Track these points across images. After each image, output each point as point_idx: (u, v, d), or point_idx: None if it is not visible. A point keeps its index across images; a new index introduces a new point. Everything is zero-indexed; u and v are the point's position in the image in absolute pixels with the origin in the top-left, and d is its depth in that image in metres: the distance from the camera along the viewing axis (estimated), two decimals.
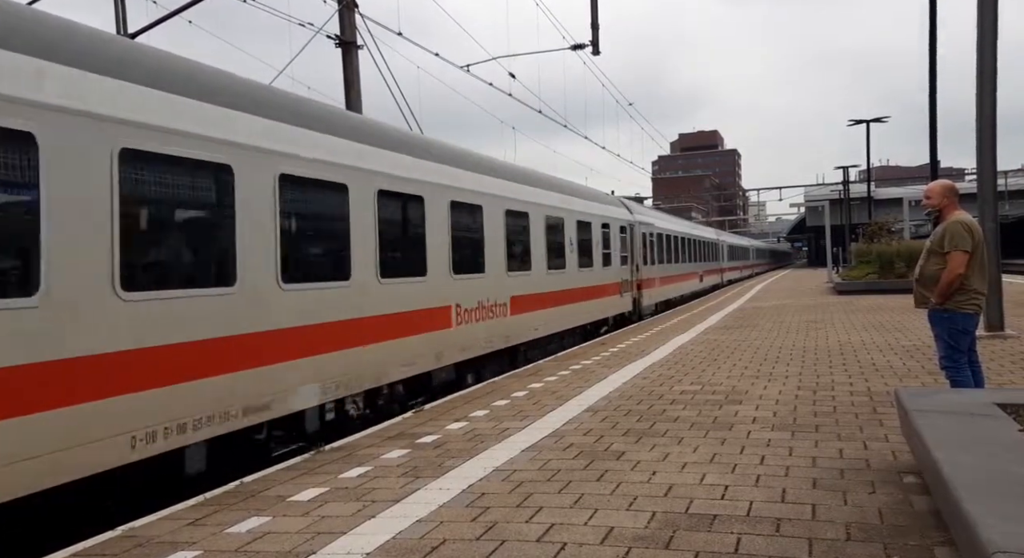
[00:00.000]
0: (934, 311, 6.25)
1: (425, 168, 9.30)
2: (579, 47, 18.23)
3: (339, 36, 13.24)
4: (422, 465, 5.57)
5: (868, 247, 30.39)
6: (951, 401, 4.98)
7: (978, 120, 11.86)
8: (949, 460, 3.58)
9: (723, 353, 11.27)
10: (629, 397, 7.95)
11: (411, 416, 7.58)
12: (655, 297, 22.32)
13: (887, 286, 24.76)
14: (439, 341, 9.37)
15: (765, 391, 7.99)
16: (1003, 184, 53.05)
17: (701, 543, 3.80)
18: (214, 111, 6.07)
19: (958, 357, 6.20)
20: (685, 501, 4.47)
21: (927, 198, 6.50)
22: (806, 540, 3.78)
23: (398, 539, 4.04)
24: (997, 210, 11.96)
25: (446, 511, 4.47)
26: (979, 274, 6.18)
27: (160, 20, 11.19)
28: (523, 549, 3.82)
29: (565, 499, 4.60)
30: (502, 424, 6.88)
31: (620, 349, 12.39)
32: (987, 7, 11.75)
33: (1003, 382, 7.88)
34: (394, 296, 8.35)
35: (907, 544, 3.67)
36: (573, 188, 16.29)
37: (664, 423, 6.62)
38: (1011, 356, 9.72)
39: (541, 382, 9.28)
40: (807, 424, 6.35)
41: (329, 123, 7.71)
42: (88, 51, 5.19)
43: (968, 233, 6.10)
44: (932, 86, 17.95)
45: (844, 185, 51.17)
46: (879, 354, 10.49)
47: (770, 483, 4.75)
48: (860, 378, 8.57)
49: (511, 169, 12.88)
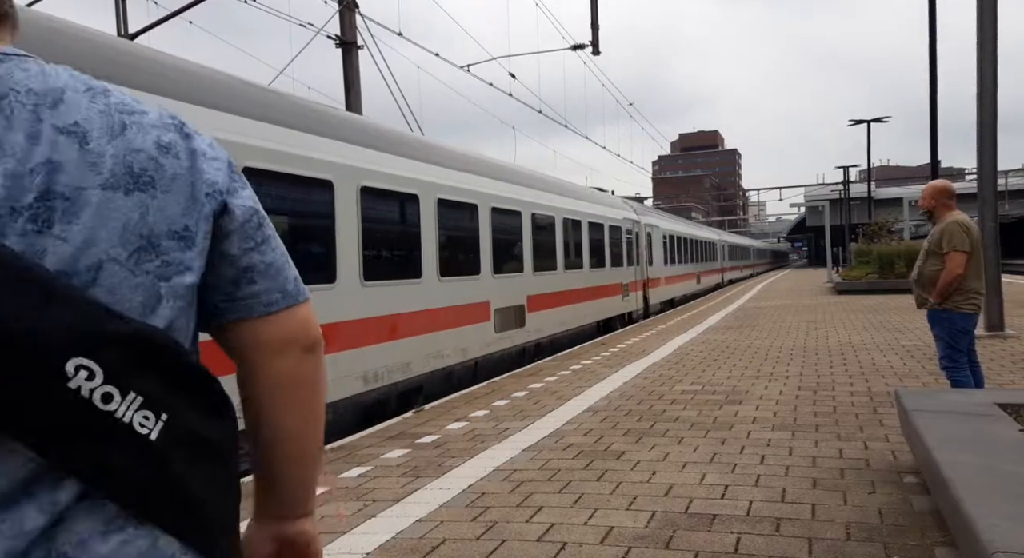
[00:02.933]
0: (933, 311, 6.26)
1: (476, 182, 11.07)
2: (579, 47, 18.23)
3: (339, 36, 13.24)
4: (422, 465, 5.57)
5: (868, 247, 30.38)
6: (951, 401, 4.98)
7: (978, 120, 11.86)
8: (949, 460, 3.58)
9: (723, 353, 11.27)
10: (629, 397, 7.95)
11: (411, 416, 7.59)
12: (661, 295, 22.96)
13: (887, 286, 24.75)
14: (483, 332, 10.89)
15: (765, 391, 7.99)
16: (1003, 184, 53.09)
17: (701, 543, 3.80)
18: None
19: (958, 357, 6.20)
20: (685, 501, 4.47)
21: (921, 199, 6.53)
22: (806, 540, 3.78)
23: (398, 539, 4.05)
24: (997, 210, 11.96)
25: (446, 511, 4.48)
26: (977, 274, 6.19)
27: (161, 20, 11.20)
28: (523, 549, 3.82)
29: (565, 499, 4.60)
30: (502, 424, 6.88)
31: (620, 349, 12.39)
32: (987, 5, 11.75)
33: (1003, 382, 7.88)
34: (452, 291, 9.93)
35: (907, 544, 3.67)
36: (586, 193, 17.29)
37: (664, 423, 6.63)
38: (1011, 356, 9.72)
39: (541, 382, 9.28)
40: (807, 424, 6.36)
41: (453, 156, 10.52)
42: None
43: (966, 233, 6.10)
44: (932, 86, 17.94)
45: (844, 185, 51.16)
46: (879, 354, 10.49)
47: (770, 483, 4.75)
48: (860, 378, 8.57)
49: (534, 177, 14.03)
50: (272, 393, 1.06)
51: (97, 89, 0.97)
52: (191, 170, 0.99)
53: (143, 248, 0.92)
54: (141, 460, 0.87)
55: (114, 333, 0.87)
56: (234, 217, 1.02)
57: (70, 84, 0.95)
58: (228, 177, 1.04)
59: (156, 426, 0.88)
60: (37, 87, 0.92)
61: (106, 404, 0.85)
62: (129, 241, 0.91)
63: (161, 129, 0.99)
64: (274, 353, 1.04)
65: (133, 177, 0.93)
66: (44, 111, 0.90)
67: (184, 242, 0.96)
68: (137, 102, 1.00)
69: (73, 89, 0.95)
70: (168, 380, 0.91)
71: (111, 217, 0.90)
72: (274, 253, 1.05)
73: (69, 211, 0.88)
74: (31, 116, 0.89)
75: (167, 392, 0.90)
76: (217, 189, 1.01)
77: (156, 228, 0.94)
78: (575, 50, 18.41)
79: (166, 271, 0.95)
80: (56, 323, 0.82)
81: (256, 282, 1.03)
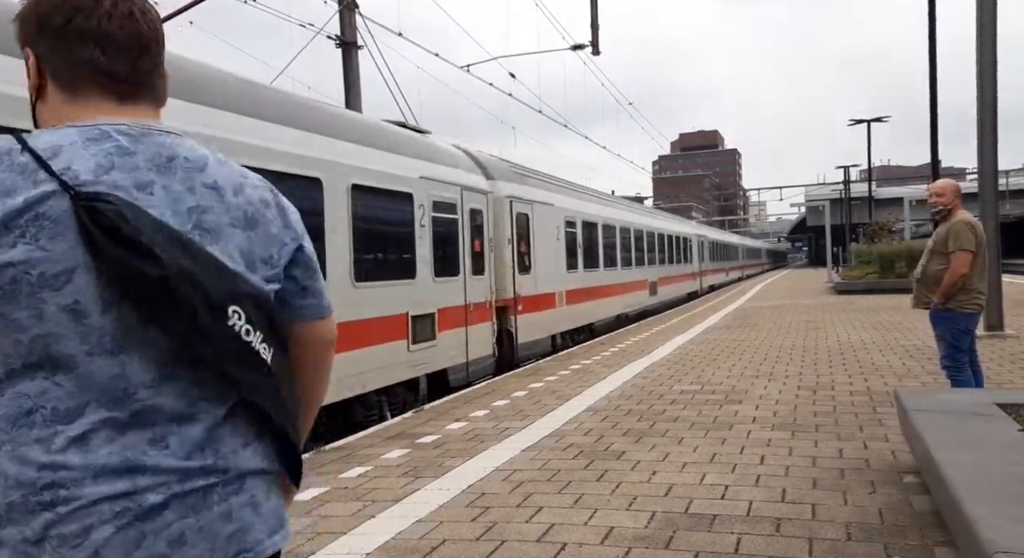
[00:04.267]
0: (936, 311, 6.24)
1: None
2: (579, 47, 18.23)
3: (339, 37, 13.24)
4: (422, 465, 5.57)
5: (868, 247, 30.39)
6: (951, 401, 4.98)
7: (978, 119, 11.86)
8: (949, 460, 3.58)
9: (723, 352, 11.27)
10: (629, 397, 7.95)
11: (411, 416, 7.59)
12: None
13: (887, 286, 24.76)
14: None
15: (765, 391, 7.99)
16: (1004, 184, 53.05)
17: (701, 543, 3.80)
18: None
19: (959, 357, 6.19)
20: (685, 501, 4.47)
21: (939, 197, 6.39)
22: (806, 540, 3.78)
23: (398, 539, 4.04)
24: (998, 210, 11.96)
25: (446, 511, 4.47)
26: (981, 274, 6.17)
27: (161, 20, 11.18)
28: (523, 549, 3.82)
29: (565, 499, 4.60)
30: (502, 424, 6.88)
31: (620, 349, 12.39)
32: (986, 5, 11.75)
33: (1003, 382, 7.88)
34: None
35: (907, 544, 3.67)
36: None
37: (664, 423, 6.62)
38: (1011, 356, 9.72)
39: (541, 382, 9.28)
40: (807, 424, 6.35)
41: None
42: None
43: (972, 233, 6.08)
44: (932, 86, 17.93)
45: (845, 185, 51.14)
46: (879, 354, 10.49)
47: (770, 483, 4.75)
48: (860, 378, 8.57)
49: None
50: (309, 371, 1.55)
51: (222, 160, 1.43)
52: (281, 218, 1.46)
53: (248, 264, 1.37)
54: (265, 374, 1.34)
55: (247, 291, 1.33)
56: (304, 254, 1.49)
57: (208, 156, 1.40)
58: (302, 226, 1.51)
59: (269, 354, 1.35)
60: (191, 156, 1.37)
61: (247, 337, 1.30)
62: (240, 259, 1.37)
63: (262, 190, 1.46)
64: (314, 345, 1.53)
65: (248, 220, 1.39)
66: (195, 173, 1.36)
67: (269, 264, 1.41)
68: (242, 169, 1.46)
69: (214, 159, 1.41)
70: (271, 326, 1.36)
71: (232, 242, 1.36)
72: (320, 281, 1.53)
73: (211, 238, 1.33)
74: (186, 175, 1.34)
75: (270, 333, 1.36)
76: (298, 234, 1.49)
77: (255, 253, 1.39)
78: (575, 50, 18.41)
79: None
80: (224, 285, 1.29)
81: (309, 298, 1.50)
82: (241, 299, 1.31)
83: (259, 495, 1.36)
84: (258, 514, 1.35)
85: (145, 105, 1.40)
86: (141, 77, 1.39)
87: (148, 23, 1.40)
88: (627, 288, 19.57)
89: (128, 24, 1.36)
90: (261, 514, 1.36)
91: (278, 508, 1.41)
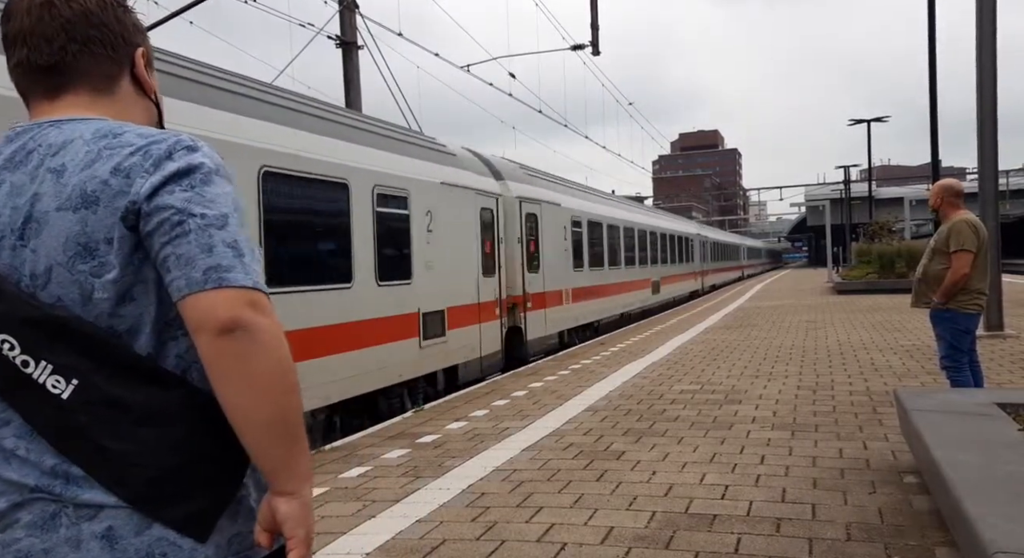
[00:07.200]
0: (936, 311, 6.23)
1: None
2: (579, 47, 18.22)
3: (340, 37, 13.24)
4: (422, 465, 5.57)
5: (868, 247, 30.37)
6: (951, 401, 4.98)
7: (978, 119, 11.85)
8: (949, 460, 3.58)
9: (723, 352, 11.26)
10: (629, 396, 7.95)
11: (411, 416, 7.59)
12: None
13: (887, 286, 24.73)
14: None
15: (765, 390, 7.98)
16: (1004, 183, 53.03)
17: (701, 543, 3.80)
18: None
19: (959, 357, 6.19)
20: (685, 501, 4.47)
21: (933, 196, 6.50)
22: (806, 540, 3.78)
23: (398, 539, 4.04)
24: (998, 209, 11.95)
25: (446, 511, 4.47)
26: (982, 274, 6.16)
27: (162, 21, 11.19)
28: (523, 549, 3.82)
29: (565, 499, 4.60)
30: (502, 424, 6.88)
31: (620, 348, 12.39)
32: (986, 5, 11.74)
33: (1003, 382, 7.88)
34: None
35: (907, 544, 3.67)
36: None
37: (664, 422, 6.62)
38: (1011, 356, 9.71)
39: (541, 381, 9.28)
40: (807, 424, 6.35)
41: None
42: None
43: (974, 233, 6.07)
44: (932, 85, 17.93)
45: (845, 184, 51.13)
46: (879, 354, 10.48)
47: (770, 483, 4.75)
48: (860, 378, 8.57)
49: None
50: (211, 370, 1.18)
51: (109, 135, 1.22)
52: (146, 177, 1.19)
53: (85, 251, 1.19)
54: (55, 412, 1.16)
55: (26, 317, 1.17)
56: (160, 204, 1.18)
57: (85, 135, 1.22)
58: (195, 178, 1.21)
59: (68, 387, 1.16)
60: (58, 141, 1.23)
61: (25, 368, 1.16)
62: (64, 251, 1.19)
63: (121, 157, 1.20)
64: (196, 333, 1.18)
65: (86, 198, 1.18)
66: (46, 158, 1.22)
67: (110, 246, 1.19)
68: (134, 140, 1.22)
69: (83, 138, 1.22)
70: (80, 352, 1.17)
71: (56, 230, 1.19)
72: (196, 244, 1.16)
73: (35, 230, 1.19)
74: (38, 163, 1.22)
75: (78, 362, 1.17)
76: (156, 185, 1.19)
77: (97, 235, 1.18)
78: (575, 50, 18.40)
79: (99, 270, 1.20)
80: None
81: (174, 271, 1.17)
82: (15, 326, 1.17)
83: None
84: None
85: (75, 95, 1.30)
86: (68, 64, 1.29)
87: (71, 4, 1.28)
88: (631, 287, 19.59)
89: (46, 12, 1.27)
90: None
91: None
